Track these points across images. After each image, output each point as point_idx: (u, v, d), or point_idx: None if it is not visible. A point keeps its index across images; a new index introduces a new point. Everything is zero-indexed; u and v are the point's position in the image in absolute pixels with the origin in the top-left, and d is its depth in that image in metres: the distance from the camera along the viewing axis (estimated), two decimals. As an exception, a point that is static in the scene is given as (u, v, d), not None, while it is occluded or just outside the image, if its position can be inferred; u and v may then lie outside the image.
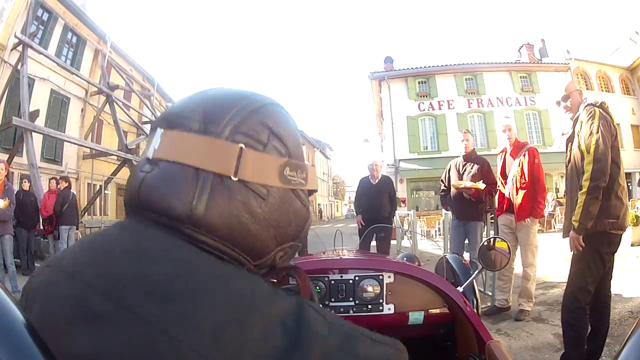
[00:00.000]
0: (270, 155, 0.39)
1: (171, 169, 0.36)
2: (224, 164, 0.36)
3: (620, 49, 19.92)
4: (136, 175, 0.39)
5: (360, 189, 4.87)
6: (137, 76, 18.50)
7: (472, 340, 1.07)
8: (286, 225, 0.41)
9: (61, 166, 13.19)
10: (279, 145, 0.40)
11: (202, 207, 0.35)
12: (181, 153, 0.36)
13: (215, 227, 0.36)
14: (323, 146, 43.52)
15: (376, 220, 4.39)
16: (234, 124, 0.37)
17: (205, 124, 0.37)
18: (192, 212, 0.35)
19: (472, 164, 3.68)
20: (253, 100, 0.41)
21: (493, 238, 1.48)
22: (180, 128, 0.38)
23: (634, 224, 6.76)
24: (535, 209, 3.23)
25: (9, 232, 4.57)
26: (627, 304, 3.30)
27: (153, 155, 0.38)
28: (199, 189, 0.35)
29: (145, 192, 0.37)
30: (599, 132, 2.01)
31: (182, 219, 0.35)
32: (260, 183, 0.38)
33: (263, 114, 0.40)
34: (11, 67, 11.14)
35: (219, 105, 0.39)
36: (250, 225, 0.37)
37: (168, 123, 0.39)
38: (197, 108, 0.39)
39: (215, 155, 0.36)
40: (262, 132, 0.39)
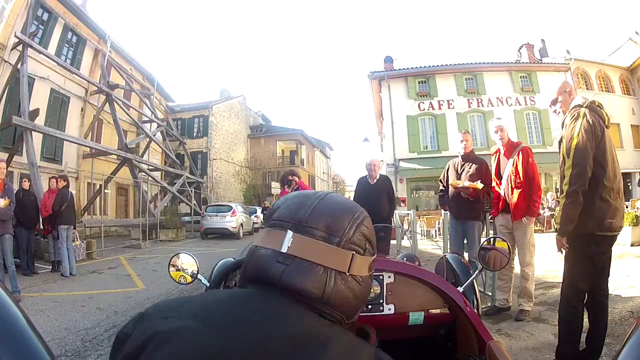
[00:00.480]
0: (366, 257, 0.56)
1: (305, 265, 0.51)
2: (342, 265, 0.52)
3: (620, 49, 19.91)
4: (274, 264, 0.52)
5: (359, 189, 4.86)
6: (137, 75, 18.49)
7: (473, 340, 1.07)
8: (366, 297, 0.58)
9: (61, 165, 13.19)
10: (370, 248, 0.57)
11: (330, 291, 0.51)
12: (313, 255, 0.51)
13: (334, 303, 0.52)
14: (323, 145, 43.48)
15: (375, 220, 4.37)
16: (348, 237, 0.53)
17: (328, 234, 0.53)
18: (324, 295, 0.51)
19: (471, 164, 3.69)
20: (359, 213, 0.57)
21: (493, 238, 1.47)
22: (309, 235, 0.52)
23: (634, 224, 6.76)
24: (531, 207, 3.23)
25: (9, 232, 4.54)
26: (627, 304, 3.30)
27: (287, 251, 0.52)
28: (328, 280, 0.51)
29: (286, 278, 0.50)
30: (579, 136, 2.03)
31: (316, 299, 0.50)
32: (360, 275, 0.54)
33: (363, 226, 0.56)
34: (11, 67, 11.13)
35: (337, 219, 0.54)
36: (352, 301, 0.54)
37: (297, 228, 0.53)
38: (320, 220, 0.53)
39: (337, 259, 0.52)
40: (362, 241, 0.55)
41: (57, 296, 4.75)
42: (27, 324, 0.61)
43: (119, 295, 4.89)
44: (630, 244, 6.65)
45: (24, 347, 0.55)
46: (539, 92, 17.65)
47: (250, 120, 32.33)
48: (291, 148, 32.56)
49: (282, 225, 0.54)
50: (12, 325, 0.49)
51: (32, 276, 5.96)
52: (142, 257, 8.81)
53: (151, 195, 15.33)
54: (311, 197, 0.57)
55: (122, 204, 17.54)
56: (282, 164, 29.96)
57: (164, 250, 10.07)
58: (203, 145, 24.82)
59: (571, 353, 2.09)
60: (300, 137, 32.54)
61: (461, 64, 18.27)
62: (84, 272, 6.50)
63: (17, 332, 0.50)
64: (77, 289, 5.18)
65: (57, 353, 2.86)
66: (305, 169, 32.50)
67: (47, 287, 5.33)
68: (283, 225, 0.54)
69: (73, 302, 4.40)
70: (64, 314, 3.92)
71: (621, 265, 4.93)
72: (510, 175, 3.29)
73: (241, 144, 29.71)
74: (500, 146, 3.46)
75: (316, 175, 37.97)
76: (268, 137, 31.82)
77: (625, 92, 18.79)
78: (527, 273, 3.23)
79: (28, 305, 4.11)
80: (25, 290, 4.87)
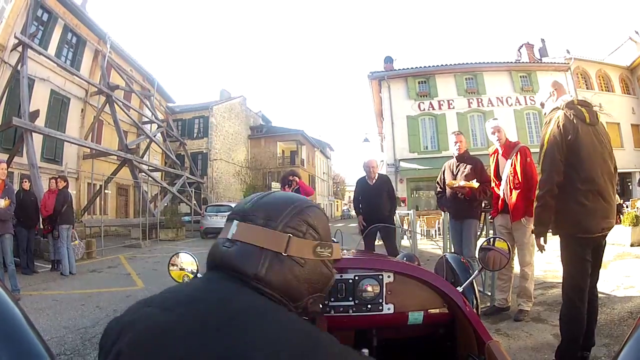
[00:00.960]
0: (307, 240, 0.61)
1: (245, 247, 0.58)
2: (278, 245, 0.58)
3: (620, 48, 19.90)
4: (219, 248, 0.60)
5: (358, 189, 4.85)
6: (137, 76, 18.49)
7: (472, 340, 1.07)
8: (315, 282, 0.62)
9: (61, 166, 13.19)
10: (314, 233, 0.62)
11: (264, 270, 0.56)
12: (252, 237, 0.58)
13: (270, 281, 0.56)
14: (323, 146, 43.48)
15: (377, 219, 4.39)
16: (285, 221, 0.59)
17: (267, 220, 0.59)
18: (258, 272, 0.56)
19: (465, 164, 3.72)
20: (297, 205, 0.62)
21: (493, 238, 1.47)
22: (250, 222, 0.59)
23: (634, 224, 6.75)
24: (530, 208, 3.21)
25: (9, 232, 4.55)
26: (627, 304, 3.30)
27: (232, 237, 0.59)
28: (263, 259, 0.57)
29: (227, 259, 0.58)
30: (547, 143, 2.09)
31: (251, 276, 0.56)
32: (300, 256, 0.60)
33: (303, 214, 0.62)
34: (11, 68, 11.13)
35: (275, 208, 0.61)
36: (292, 282, 0.58)
37: (242, 218, 0.61)
38: (261, 209, 0.61)
39: (274, 241, 0.58)
40: (302, 225, 0.61)
41: (56, 295, 4.75)
42: (26, 322, 0.61)
43: (118, 294, 4.90)
44: (630, 244, 6.64)
45: (24, 346, 0.56)
46: (539, 91, 17.62)
47: (250, 121, 32.33)
48: (291, 148, 32.56)
49: (232, 217, 0.62)
50: (11, 323, 0.49)
51: (32, 275, 5.96)
52: (141, 257, 8.81)
53: (151, 195, 15.33)
54: (258, 194, 0.65)
55: (122, 204, 17.55)
56: (283, 164, 29.96)
57: (164, 249, 10.08)
58: (203, 146, 24.83)
59: (571, 354, 2.08)
60: (301, 138, 32.54)
61: (461, 64, 18.26)
62: (84, 271, 6.51)
63: (16, 331, 0.51)
64: (77, 288, 5.18)
65: (57, 352, 2.86)
66: (306, 169, 32.49)
67: (46, 286, 5.34)
68: (234, 217, 0.62)
69: (72, 301, 4.41)
70: (64, 313, 3.92)
71: (621, 265, 4.93)
72: (509, 175, 3.29)
73: (241, 144, 29.71)
74: (498, 147, 3.46)
75: (316, 176, 37.97)
76: (268, 137, 31.82)
77: (625, 91, 18.77)
78: (526, 273, 3.23)
79: (27, 304, 4.10)
80: (24, 289, 4.87)
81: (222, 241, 0.61)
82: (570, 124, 2.08)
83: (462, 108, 17.67)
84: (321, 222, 0.64)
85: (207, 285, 0.57)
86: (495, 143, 3.46)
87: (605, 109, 17.76)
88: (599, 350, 2.41)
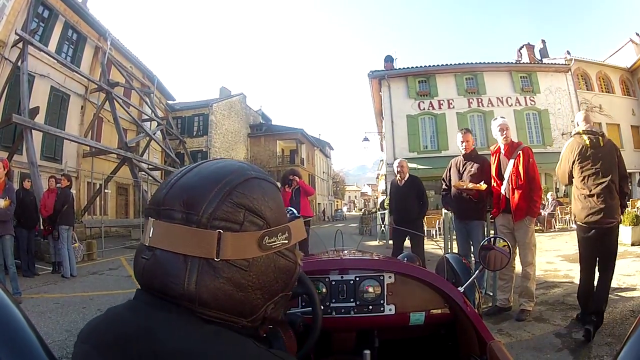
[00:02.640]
0: (247, 232, 0.44)
1: (164, 256, 0.42)
2: (206, 249, 0.41)
3: (621, 50, 19.89)
4: (138, 260, 0.45)
5: (391, 191, 4.88)
6: (137, 73, 18.47)
7: (473, 340, 1.07)
8: (272, 283, 0.47)
9: (61, 164, 13.18)
10: (256, 219, 0.45)
11: (192, 286, 0.41)
12: (170, 242, 0.42)
13: (206, 301, 0.42)
14: (323, 145, 43.45)
15: (406, 221, 4.39)
16: (210, 211, 0.42)
17: (186, 213, 0.42)
18: (185, 291, 0.41)
19: (472, 163, 3.67)
20: (228, 182, 0.44)
21: (493, 238, 1.47)
22: (166, 219, 0.43)
23: (634, 224, 6.76)
24: (531, 208, 3.23)
25: (9, 233, 4.47)
26: (628, 303, 3.31)
27: (149, 243, 0.43)
28: (188, 272, 0.41)
29: (146, 276, 0.44)
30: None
31: (178, 297, 0.41)
32: (241, 258, 0.43)
33: (237, 195, 0.44)
34: (11, 64, 11.12)
35: (196, 192, 0.43)
36: (236, 295, 0.43)
37: (157, 213, 0.44)
38: (177, 197, 0.43)
39: (198, 243, 0.41)
40: (238, 213, 0.43)
41: (58, 298, 4.73)
42: (28, 326, 0.60)
43: (120, 296, 4.87)
44: (630, 244, 6.65)
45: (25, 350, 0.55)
46: (539, 92, 17.64)
47: (250, 119, 32.31)
48: (291, 147, 32.55)
49: (149, 212, 0.46)
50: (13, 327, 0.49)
51: (33, 277, 5.93)
52: (142, 257, 8.79)
53: (151, 194, 15.29)
54: (176, 173, 0.48)
55: (122, 204, 17.54)
56: (282, 163, 29.96)
57: (164, 249, 10.05)
58: (203, 144, 24.79)
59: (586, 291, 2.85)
60: (300, 137, 32.52)
61: (461, 63, 18.26)
62: (85, 274, 6.50)
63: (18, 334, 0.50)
64: (78, 291, 5.17)
65: (59, 355, 2.85)
66: (305, 168, 32.49)
67: (48, 288, 5.32)
68: (149, 212, 0.46)
69: (74, 304, 4.39)
70: (65, 316, 3.91)
71: (621, 265, 4.93)
72: (511, 175, 3.28)
73: (241, 143, 29.69)
74: (502, 145, 3.45)
75: (316, 175, 37.96)
76: (268, 136, 31.81)
77: (626, 93, 18.78)
78: (528, 272, 3.23)
79: (29, 307, 4.10)
80: (26, 292, 4.85)
81: (140, 249, 0.46)
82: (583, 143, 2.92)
83: (462, 108, 17.66)
84: (265, 200, 0.46)
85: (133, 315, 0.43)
86: (501, 141, 3.45)
87: (605, 110, 17.78)
88: (601, 349, 2.42)
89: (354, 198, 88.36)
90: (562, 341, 2.63)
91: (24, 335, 0.46)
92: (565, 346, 2.54)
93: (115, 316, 0.44)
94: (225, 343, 0.40)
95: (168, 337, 0.39)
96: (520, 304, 3.23)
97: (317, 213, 37.71)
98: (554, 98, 17.61)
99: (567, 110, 17.38)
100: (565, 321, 3.03)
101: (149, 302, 0.43)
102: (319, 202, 39.34)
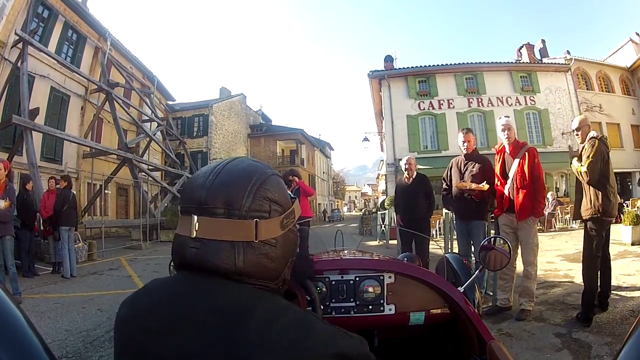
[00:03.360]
0: (273, 218, 0.57)
1: (213, 244, 0.54)
2: (247, 235, 0.54)
3: (621, 49, 19.89)
4: (187, 250, 0.56)
5: (397, 189, 4.81)
6: (137, 74, 18.47)
7: (473, 340, 1.07)
8: (288, 252, 0.61)
9: (61, 165, 13.17)
10: (277, 207, 0.58)
11: (241, 263, 0.54)
12: (218, 233, 0.54)
13: (251, 273, 0.55)
14: (323, 145, 43.45)
15: (413, 220, 4.36)
16: (247, 206, 0.55)
17: (227, 209, 0.54)
18: (236, 268, 0.54)
19: (474, 163, 3.65)
20: (256, 178, 0.57)
21: (493, 238, 1.47)
22: (210, 215, 0.54)
23: (634, 224, 6.76)
24: (536, 208, 3.23)
25: (9, 234, 4.46)
26: (628, 303, 3.31)
27: (196, 235, 0.55)
28: (236, 253, 0.54)
29: (198, 261, 0.54)
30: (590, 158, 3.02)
31: (230, 273, 0.54)
32: (272, 236, 0.57)
33: (264, 189, 0.57)
34: (11, 65, 11.11)
35: (233, 192, 0.55)
36: (269, 265, 0.57)
37: (199, 211, 0.55)
38: (218, 197, 0.55)
39: (241, 231, 0.54)
40: (265, 204, 0.57)
41: (58, 298, 4.74)
42: (28, 325, 0.60)
43: (119, 296, 4.84)
44: (630, 243, 6.65)
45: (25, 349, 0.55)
46: (539, 92, 17.64)
47: (250, 120, 32.32)
48: (291, 147, 32.55)
49: (187, 210, 0.57)
50: (13, 327, 0.49)
51: (33, 278, 5.93)
52: (142, 258, 8.80)
53: (151, 195, 15.31)
54: (208, 175, 0.58)
55: (123, 205, 17.54)
56: (282, 163, 29.95)
57: (165, 250, 10.05)
58: (203, 145, 24.80)
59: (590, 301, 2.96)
60: (300, 137, 32.52)
61: (461, 63, 18.24)
62: (85, 274, 6.50)
63: (18, 334, 0.50)
64: (78, 291, 5.17)
65: (58, 355, 2.86)
66: (306, 168, 32.48)
67: (48, 288, 5.32)
68: (188, 210, 0.57)
69: (74, 304, 4.40)
70: (65, 316, 3.92)
71: (622, 264, 4.93)
72: (516, 175, 3.28)
73: (241, 143, 29.69)
74: (506, 145, 3.45)
75: (316, 175, 37.96)
76: (268, 136, 31.81)
77: (626, 92, 18.78)
78: (530, 272, 3.23)
79: (29, 307, 4.10)
80: (26, 292, 4.85)
81: (185, 240, 0.56)
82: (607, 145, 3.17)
83: (462, 108, 17.66)
84: (280, 191, 0.60)
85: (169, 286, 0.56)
86: (505, 141, 3.44)
87: (605, 109, 17.77)
88: (601, 349, 2.42)
89: (354, 198, 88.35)
90: (562, 341, 2.63)
91: (24, 335, 0.46)
92: (565, 346, 2.54)
93: (153, 286, 0.57)
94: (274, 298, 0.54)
95: (226, 294, 0.52)
96: (521, 303, 3.23)
97: (318, 213, 37.72)
98: (554, 98, 17.60)
99: (567, 109, 17.38)
100: (565, 321, 3.03)
101: (188, 277, 0.55)
102: (319, 202, 39.33)
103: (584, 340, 2.60)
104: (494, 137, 16.00)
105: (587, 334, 2.70)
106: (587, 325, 2.85)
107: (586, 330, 2.77)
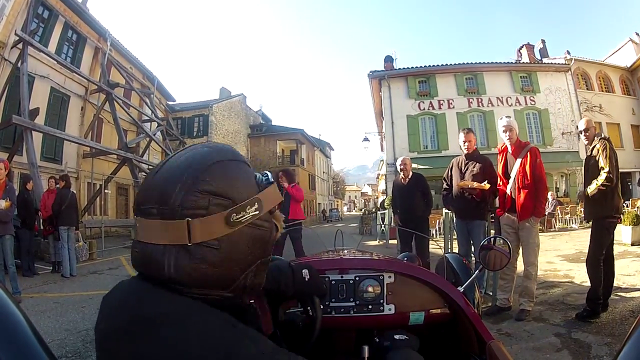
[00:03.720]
0: (213, 215, 0.48)
1: (148, 248, 0.49)
2: (178, 237, 0.47)
3: (621, 49, 19.89)
4: (132, 253, 0.52)
5: (394, 190, 4.85)
6: (137, 74, 18.46)
7: (473, 340, 1.07)
8: (246, 255, 0.52)
9: (61, 165, 13.17)
10: (221, 200, 0.49)
11: (172, 270, 0.47)
12: (149, 236, 0.48)
13: (186, 282, 0.48)
14: (323, 145, 43.45)
15: (411, 219, 4.39)
16: (178, 203, 0.47)
17: (159, 208, 0.48)
18: (168, 276, 0.47)
19: (475, 162, 3.66)
20: (192, 170, 0.49)
21: (493, 237, 1.47)
22: (145, 215, 0.49)
23: (634, 224, 6.76)
24: (537, 208, 3.23)
25: (9, 233, 4.46)
26: (628, 303, 3.31)
27: (137, 238, 0.51)
28: (167, 259, 0.47)
29: (137, 266, 0.51)
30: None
31: (165, 281, 0.48)
32: (212, 238, 0.48)
33: (202, 183, 0.49)
34: (11, 65, 11.11)
35: (165, 186, 0.49)
36: (210, 271, 0.48)
37: (139, 212, 0.51)
38: (152, 194, 0.49)
39: (171, 233, 0.47)
40: (202, 199, 0.48)
41: (57, 297, 4.74)
42: (27, 325, 0.60)
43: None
44: (631, 243, 6.65)
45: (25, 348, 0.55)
46: (539, 92, 17.64)
47: (250, 120, 32.31)
48: (291, 147, 32.55)
49: (135, 212, 0.53)
50: (12, 326, 0.49)
51: (33, 277, 5.94)
52: (142, 257, 8.81)
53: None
54: (151, 172, 0.53)
55: (123, 204, 17.52)
56: (282, 163, 29.95)
57: (164, 249, 10.06)
58: (203, 145, 24.77)
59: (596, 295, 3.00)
60: (300, 137, 32.52)
61: (461, 63, 18.25)
62: (85, 273, 6.50)
63: (17, 333, 0.50)
64: (78, 290, 5.17)
65: (58, 354, 2.86)
66: (305, 168, 32.50)
67: (47, 288, 5.32)
68: (135, 212, 0.53)
69: (74, 303, 4.40)
70: (65, 315, 3.91)
71: (622, 264, 4.93)
72: (518, 174, 3.28)
73: (241, 143, 29.69)
74: (509, 145, 3.44)
75: (316, 175, 37.96)
76: (268, 136, 31.80)
77: (626, 92, 18.78)
78: (530, 272, 3.23)
79: (29, 307, 4.10)
80: (25, 291, 4.85)
81: (133, 244, 0.53)
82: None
83: (462, 108, 17.67)
84: (230, 180, 0.51)
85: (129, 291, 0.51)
86: (506, 142, 3.44)
87: (605, 109, 17.76)
88: (600, 349, 2.42)
89: (354, 198, 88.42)
90: (561, 341, 2.63)
91: (23, 334, 0.46)
92: (564, 346, 2.54)
93: (115, 289, 0.52)
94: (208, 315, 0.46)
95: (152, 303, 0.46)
96: (520, 303, 3.23)
97: (318, 213, 37.72)
98: (554, 98, 17.60)
99: (567, 109, 17.39)
100: (564, 321, 3.03)
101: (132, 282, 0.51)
102: (319, 202, 39.33)
103: (584, 340, 2.60)
104: (494, 137, 16.00)
105: (586, 334, 2.70)
106: (596, 317, 2.94)
107: (586, 330, 2.78)
